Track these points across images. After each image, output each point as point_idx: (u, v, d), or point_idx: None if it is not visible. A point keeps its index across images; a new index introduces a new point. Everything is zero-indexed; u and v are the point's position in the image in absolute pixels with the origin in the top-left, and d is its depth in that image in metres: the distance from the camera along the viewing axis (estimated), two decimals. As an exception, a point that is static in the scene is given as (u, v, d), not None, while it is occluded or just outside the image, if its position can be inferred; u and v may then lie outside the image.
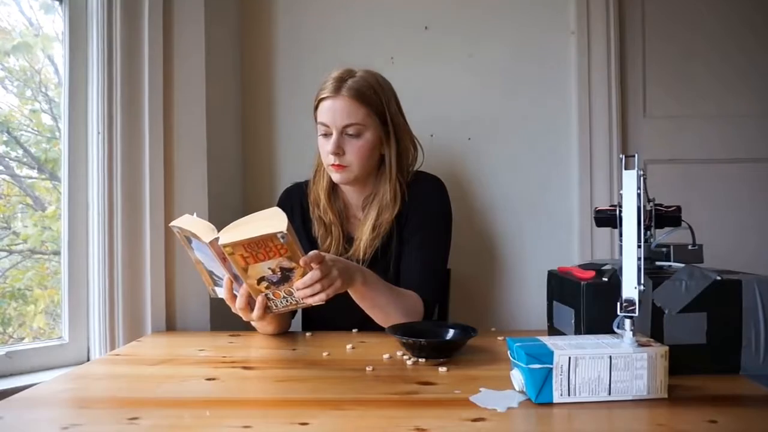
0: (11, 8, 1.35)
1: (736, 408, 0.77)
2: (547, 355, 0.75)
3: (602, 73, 1.65)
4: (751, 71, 1.69)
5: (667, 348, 0.77)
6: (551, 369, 0.74)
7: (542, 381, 0.75)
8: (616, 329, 0.80)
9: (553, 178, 1.67)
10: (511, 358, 0.80)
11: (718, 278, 0.87)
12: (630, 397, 0.75)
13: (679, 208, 0.96)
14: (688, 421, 0.70)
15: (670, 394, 0.79)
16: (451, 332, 1.05)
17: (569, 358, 0.75)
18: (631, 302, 0.78)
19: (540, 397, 0.75)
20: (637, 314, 0.78)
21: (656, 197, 0.99)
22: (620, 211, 0.84)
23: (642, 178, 0.83)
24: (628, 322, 0.78)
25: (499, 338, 1.15)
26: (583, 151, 1.64)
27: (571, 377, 0.75)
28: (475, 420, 0.69)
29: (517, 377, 0.79)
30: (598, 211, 1.00)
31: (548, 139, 1.67)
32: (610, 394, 0.75)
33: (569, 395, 0.75)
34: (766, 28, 1.69)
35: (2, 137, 1.34)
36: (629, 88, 1.69)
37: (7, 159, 1.38)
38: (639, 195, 0.82)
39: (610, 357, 0.75)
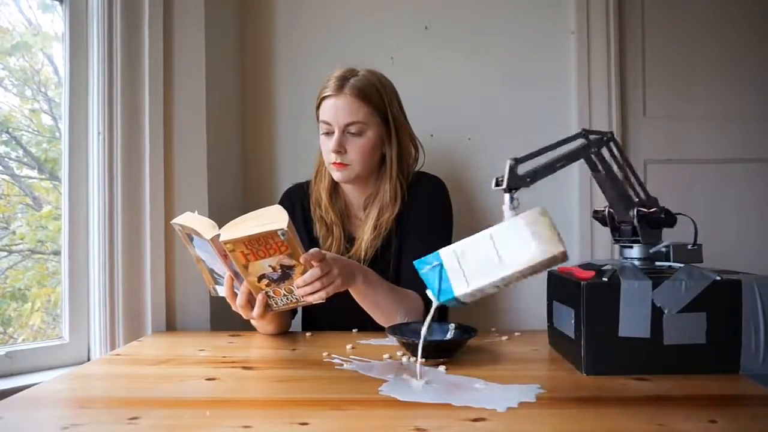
0: (11, 8, 1.35)
1: (736, 408, 0.77)
2: (435, 257, 0.79)
3: (602, 73, 1.65)
4: (752, 71, 1.69)
5: (542, 207, 0.77)
6: (441, 265, 0.77)
7: (438, 280, 0.77)
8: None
9: (552, 178, 1.67)
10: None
11: (718, 278, 0.87)
12: (526, 265, 0.73)
13: (667, 210, 0.96)
14: (688, 421, 0.70)
15: (671, 394, 0.79)
16: (451, 332, 1.05)
17: (454, 250, 0.77)
18: (502, 178, 0.83)
19: (441, 295, 0.77)
20: (505, 185, 0.82)
21: (656, 197, 1.00)
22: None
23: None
24: (506, 197, 0.82)
25: (502, 338, 1.15)
26: (583, 151, 1.64)
27: (463, 268, 0.76)
28: (475, 420, 0.69)
29: (430, 294, 0.79)
30: (595, 212, 1.03)
31: (548, 139, 1.66)
32: (504, 270, 0.75)
33: (468, 285, 0.76)
34: (767, 28, 1.69)
35: (2, 137, 1.34)
36: (629, 88, 1.69)
37: (7, 159, 1.38)
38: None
39: (491, 235, 0.76)
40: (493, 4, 1.68)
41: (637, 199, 0.98)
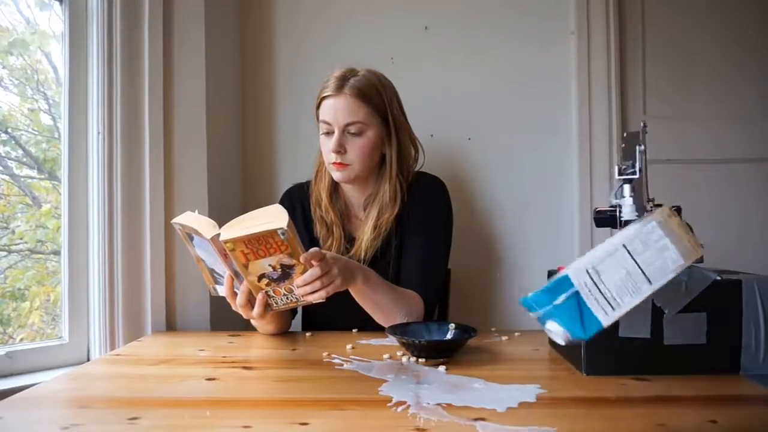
0: (9, 6, 1.35)
1: (736, 408, 0.77)
2: (564, 282, 0.62)
3: (602, 73, 1.65)
4: (752, 71, 1.69)
5: (669, 206, 0.65)
6: (577, 292, 0.62)
7: (578, 310, 0.62)
8: (613, 200, 0.70)
9: (553, 177, 1.67)
10: (534, 315, 0.65)
11: (718, 278, 0.87)
12: (672, 274, 0.62)
13: (679, 209, 0.96)
14: (688, 421, 0.70)
15: (671, 394, 0.79)
16: (451, 332, 1.05)
17: (587, 270, 0.61)
18: (630, 164, 0.69)
19: (588, 329, 0.62)
20: (637, 176, 0.68)
21: (656, 197, 0.99)
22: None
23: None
24: (627, 188, 0.69)
25: (502, 338, 1.15)
26: (583, 151, 1.64)
27: (602, 290, 0.62)
28: (475, 420, 0.69)
29: (555, 329, 0.63)
30: (597, 212, 1.01)
31: (548, 139, 1.67)
32: (651, 283, 0.61)
33: (614, 309, 0.61)
34: (767, 28, 1.69)
35: (1, 137, 1.34)
36: (629, 88, 1.69)
37: (6, 159, 1.38)
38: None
39: (625, 245, 0.62)
40: (493, 4, 1.68)
41: (649, 198, 0.97)
